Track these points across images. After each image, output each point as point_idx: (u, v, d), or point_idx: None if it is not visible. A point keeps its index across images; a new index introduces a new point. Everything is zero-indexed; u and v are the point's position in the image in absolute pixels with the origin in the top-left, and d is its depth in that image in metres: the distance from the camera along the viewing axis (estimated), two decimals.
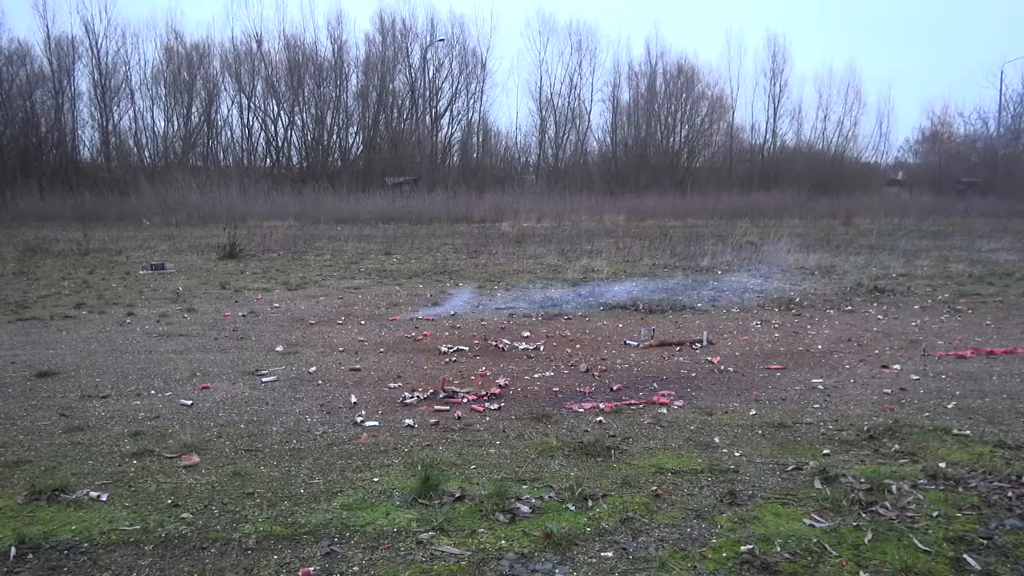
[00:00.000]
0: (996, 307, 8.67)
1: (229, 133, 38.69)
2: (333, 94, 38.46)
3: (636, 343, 6.64)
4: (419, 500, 3.14)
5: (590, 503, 3.12)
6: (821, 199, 31.27)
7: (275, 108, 38.24)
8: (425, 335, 7.07)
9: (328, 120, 38.47)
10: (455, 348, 6.44)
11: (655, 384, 5.24)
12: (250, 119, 38.13)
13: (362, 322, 7.81)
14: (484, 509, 3.03)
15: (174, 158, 36.05)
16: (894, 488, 3.23)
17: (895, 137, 77.72)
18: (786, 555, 2.68)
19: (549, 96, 41.29)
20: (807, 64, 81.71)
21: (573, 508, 3.08)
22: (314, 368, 5.72)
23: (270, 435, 4.10)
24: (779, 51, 42.92)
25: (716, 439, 4.00)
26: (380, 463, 3.64)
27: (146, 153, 37.32)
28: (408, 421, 4.32)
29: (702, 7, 67.41)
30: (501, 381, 5.26)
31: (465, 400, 4.79)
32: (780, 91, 42.51)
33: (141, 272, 12.49)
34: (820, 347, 6.51)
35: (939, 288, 10.17)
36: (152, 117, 37.13)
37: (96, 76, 35.20)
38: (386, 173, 34.63)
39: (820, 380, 5.33)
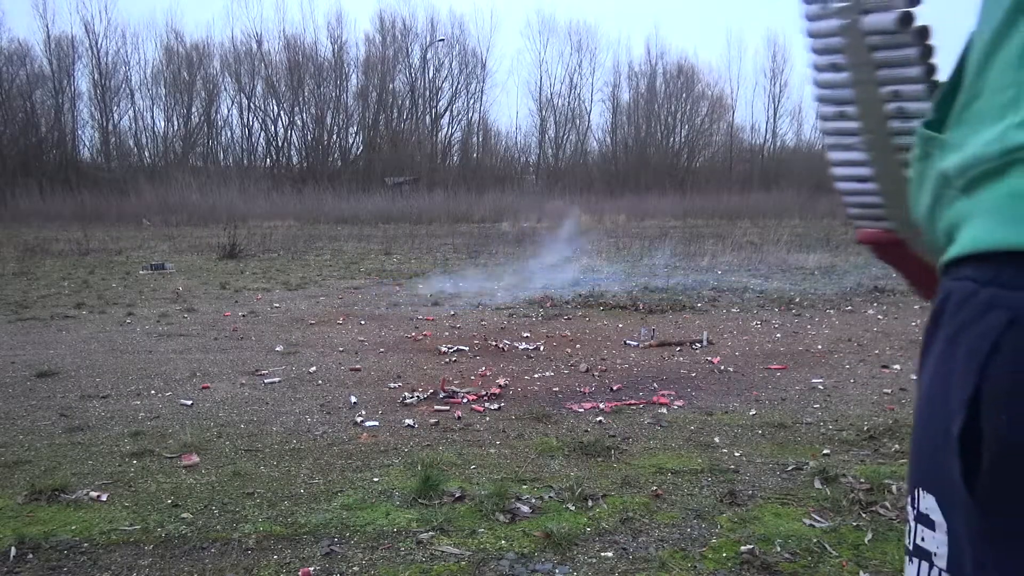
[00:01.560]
0: None
1: (229, 133, 38.77)
2: (333, 94, 38.49)
3: (636, 343, 6.64)
4: (419, 500, 3.14)
5: (590, 503, 3.12)
6: (821, 199, 31.25)
7: (275, 108, 38.28)
8: (425, 335, 7.08)
9: (328, 120, 38.50)
10: (455, 348, 6.44)
11: (655, 384, 5.24)
12: (250, 119, 38.18)
13: (362, 322, 7.81)
14: (484, 509, 3.03)
15: (174, 158, 36.10)
16: (894, 488, 3.23)
17: None
18: (786, 555, 2.68)
19: (549, 96, 41.37)
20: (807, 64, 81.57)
21: (573, 508, 3.08)
22: (314, 368, 5.72)
23: (270, 435, 4.10)
24: (779, 51, 43.05)
25: (716, 439, 4.00)
26: (380, 463, 3.64)
27: (146, 153, 37.40)
28: (408, 421, 4.32)
29: (702, 7, 67.47)
30: (501, 381, 5.26)
31: (465, 400, 4.80)
32: (780, 91, 42.60)
33: (141, 272, 12.49)
34: (820, 347, 6.51)
35: None
36: (152, 117, 37.22)
37: (96, 76, 35.25)
38: (386, 173, 34.64)
39: (820, 380, 5.33)
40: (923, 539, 0.71)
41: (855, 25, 0.95)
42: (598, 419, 4.37)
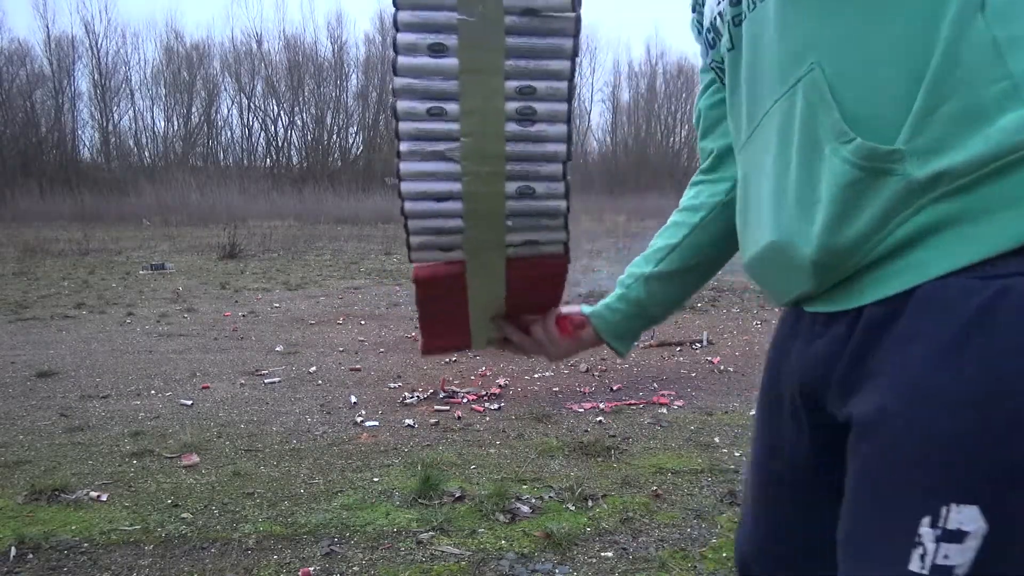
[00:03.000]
0: None
1: (229, 133, 38.79)
2: (333, 94, 38.50)
3: (636, 343, 6.63)
4: (419, 500, 3.14)
5: (590, 503, 3.13)
6: None
7: (275, 108, 38.30)
8: None
9: (328, 120, 38.51)
10: None
11: (655, 384, 5.24)
12: (250, 119, 38.20)
13: (362, 322, 7.81)
14: (484, 509, 3.03)
15: (174, 158, 36.11)
16: None
17: None
18: None
19: None
20: None
21: (573, 508, 3.08)
22: (314, 368, 5.72)
23: (270, 435, 4.11)
24: None
25: (716, 439, 4.01)
26: (380, 463, 3.64)
27: (146, 153, 37.42)
28: (408, 421, 4.32)
29: None
30: (501, 381, 5.26)
31: (465, 400, 4.80)
32: None
33: (141, 272, 12.49)
34: None
35: None
36: (152, 117, 37.26)
37: (96, 76, 35.27)
38: (386, 173, 34.64)
39: None
40: (947, 556, 0.70)
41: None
42: (598, 419, 4.37)
